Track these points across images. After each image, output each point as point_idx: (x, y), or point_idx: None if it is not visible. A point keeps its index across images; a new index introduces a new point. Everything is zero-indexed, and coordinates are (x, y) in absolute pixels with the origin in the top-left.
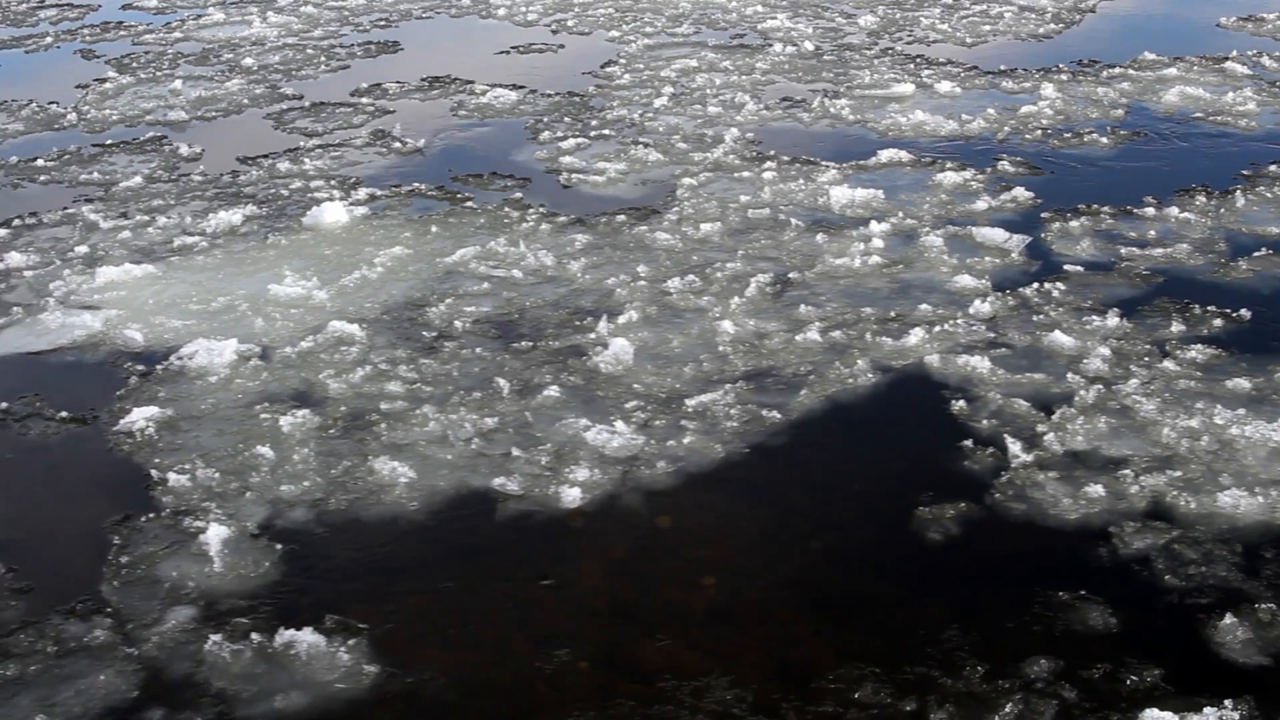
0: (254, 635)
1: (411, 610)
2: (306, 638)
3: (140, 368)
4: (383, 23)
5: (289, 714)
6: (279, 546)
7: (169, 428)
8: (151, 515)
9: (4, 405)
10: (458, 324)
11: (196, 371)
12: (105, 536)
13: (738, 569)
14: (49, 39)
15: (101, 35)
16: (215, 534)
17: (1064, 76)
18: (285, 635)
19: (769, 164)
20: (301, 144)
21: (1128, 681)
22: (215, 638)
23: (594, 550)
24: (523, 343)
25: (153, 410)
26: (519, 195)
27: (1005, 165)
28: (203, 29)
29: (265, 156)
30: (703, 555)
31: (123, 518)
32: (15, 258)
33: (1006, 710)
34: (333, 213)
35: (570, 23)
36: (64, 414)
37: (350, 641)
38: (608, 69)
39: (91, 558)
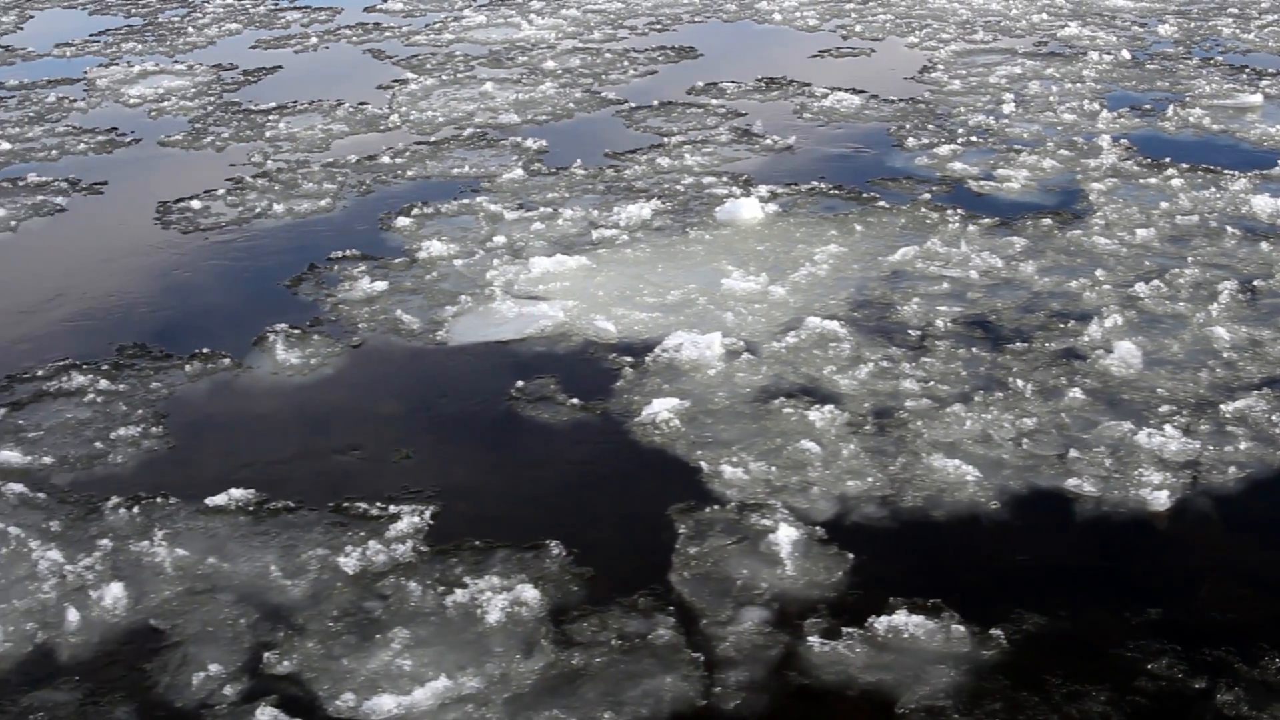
0: (833, 638)
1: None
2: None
3: (628, 359)
4: (657, 26)
5: None
6: (852, 543)
7: (691, 420)
8: (716, 508)
9: (520, 384)
10: (939, 323)
11: (690, 364)
12: (668, 528)
13: None
14: (313, 40)
15: (366, 37)
16: (785, 533)
17: None
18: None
19: (1169, 171)
20: (665, 142)
21: None
22: (787, 641)
23: (1214, 559)
24: (1016, 344)
25: (673, 402)
26: (927, 197)
27: None
28: (471, 31)
29: (631, 153)
30: None
31: (686, 508)
32: (437, 246)
33: None
34: (749, 209)
35: (857, 28)
36: (574, 400)
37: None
38: (931, 75)
39: (652, 549)
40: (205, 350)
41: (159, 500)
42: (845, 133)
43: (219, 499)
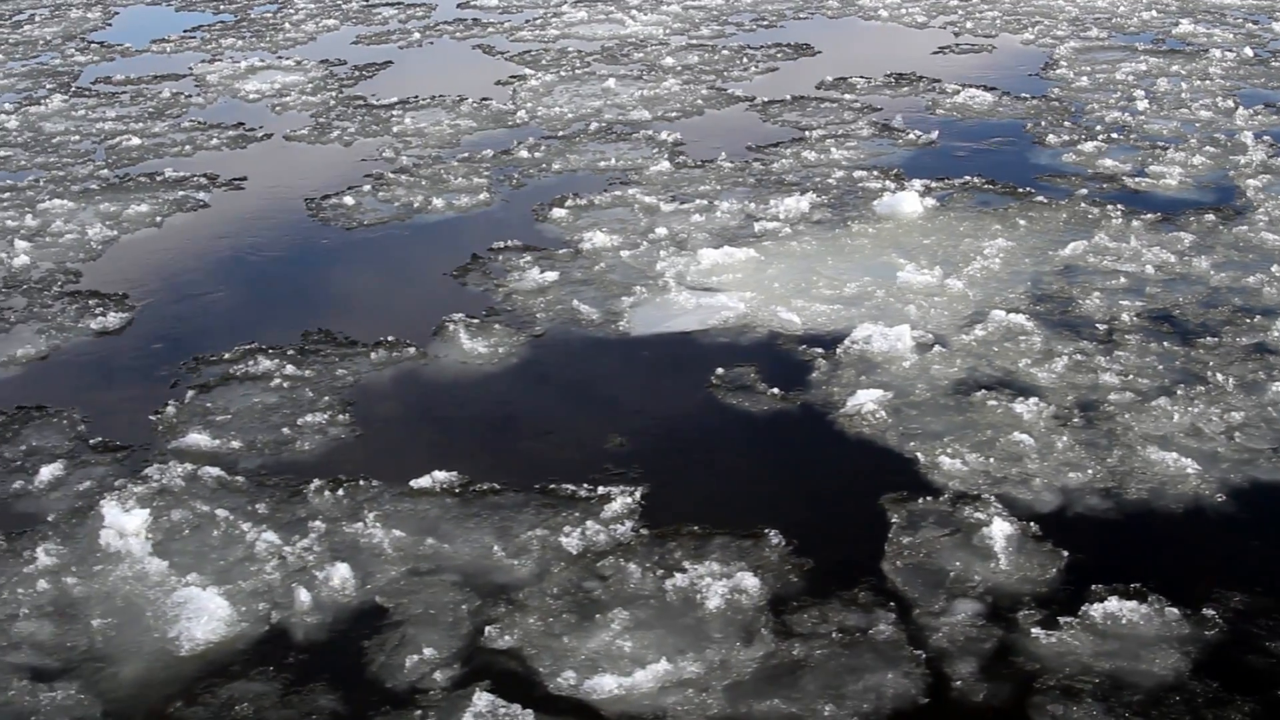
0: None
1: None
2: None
3: (818, 350)
4: (764, 23)
5: None
6: (1071, 535)
7: (896, 411)
8: (929, 499)
9: (720, 371)
10: (1124, 317)
11: (882, 356)
12: (882, 519)
13: None
14: (415, 35)
15: (468, 33)
16: (999, 528)
17: None
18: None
19: None
20: (805, 136)
21: None
22: (1004, 633)
23: None
24: (1205, 338)
25: (877, 393)
26: (1084, 192)
27: None
28: (574, 27)
29: (774, 146)
30: None
31: (899, 499)
32: (600, 238)
33: None
34: (909, 202)
35: (968, 25)
36: (774, 390)
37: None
38: (1055, 71)
39: (868, 540)
40: (389, 339)
41: (361, 483)
42: (983, 129)
43: (423, 481)
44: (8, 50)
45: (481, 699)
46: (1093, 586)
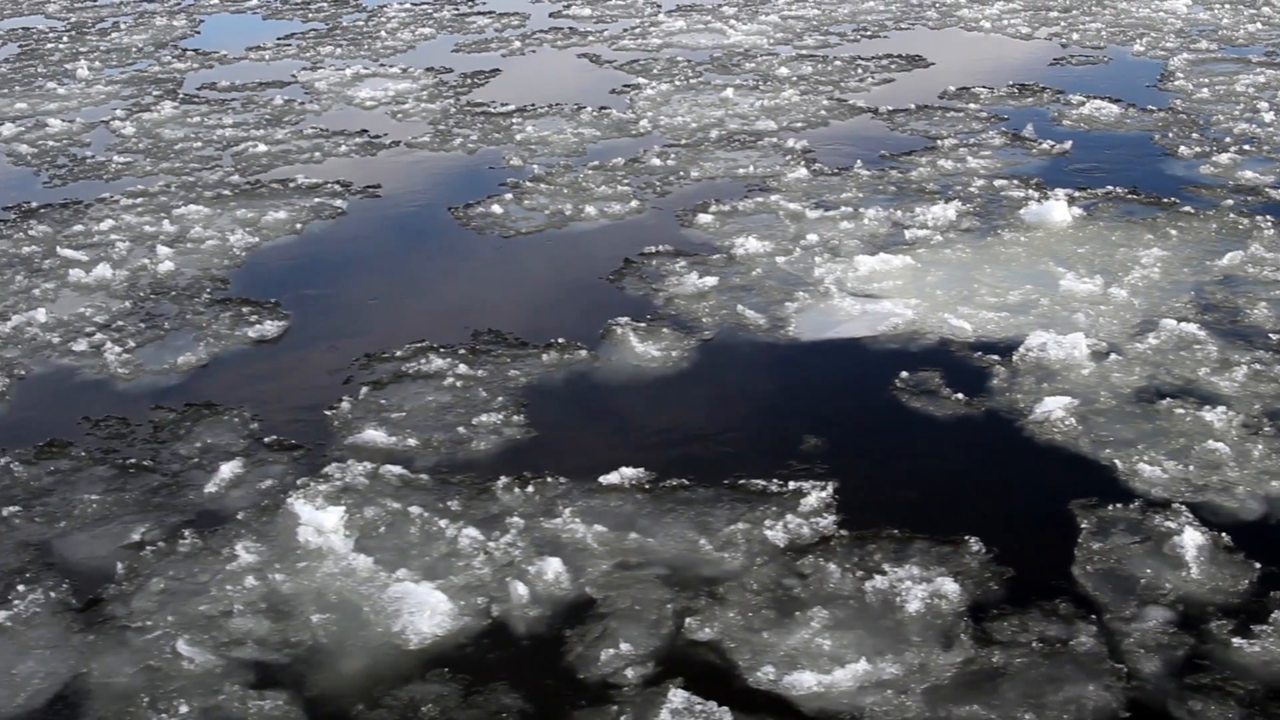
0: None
1: None
2: None
3: (994, 357)
4: (866, 33)
5: None
6: (1267, 545)
7: (1083, 419)
8: (1119, 506)
9: (904, 375)
10: None
11: (1059, 364)
12: (1082, 528)
13: None
14: (516, 44)
15: (567, 42)
16: (1190, 536)
17: None
18: None
19: None
20: (937, 144)
21: None
22: (1196, 643)
23: None
24: None
25: (1065, 400)
26: (1230, 203)
27: None
28: (675, 37)
29: (907, 155)
30: None
31: (1091, 505)
32: (752, 243)
33: None
34: (1058, 212)
35: (1074, 36)
36: (958, 395)
37: None
38: (1173, 83)
39: (1071, 550)
40: (560, 340)
41: (549, 480)
42: (1113, 140)
43: (612, 477)
44: (102, 57)
45: (677, 695)
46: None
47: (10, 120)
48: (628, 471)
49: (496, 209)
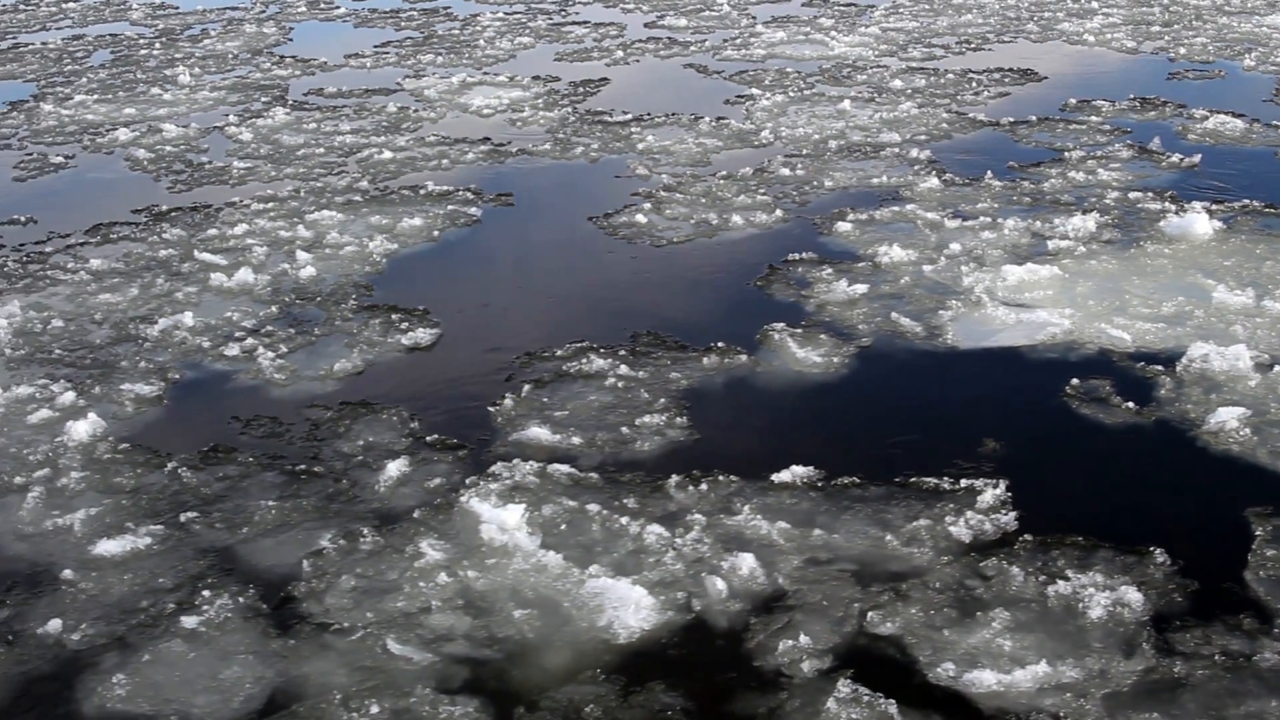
0: None
1: None
2: None
3: (1157, 368)
4: (970, 46)
5: None
6: None
7: (1256, 429)
8: None
9: (1074, 383)
10: None
11: (1224, 375)
12: (1259, 539)
13: None
14: (619, 53)
15: (669, 52)
16: None
17: None
18: None
19: None
20: (1065, 156)
21: None
22: None
23: None
24: None
25: (1238, 411)
26: None
27: None
28: (777, 48)
29: (1035, 165)
30: None
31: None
32: (897, 252)
33: None
34: (1200, 224)
35: (1181, 50)
36: (1129, 404)
37: None
38: None
39: (1259, 565)
40: (720, 344)
41: (720, 478)
42: (1240, 153)
43: (784, 475)
44: (200, 64)
45: (845, 686)
46: None
47: (123, 125)
48: (799, 470)
49: (641, 219)
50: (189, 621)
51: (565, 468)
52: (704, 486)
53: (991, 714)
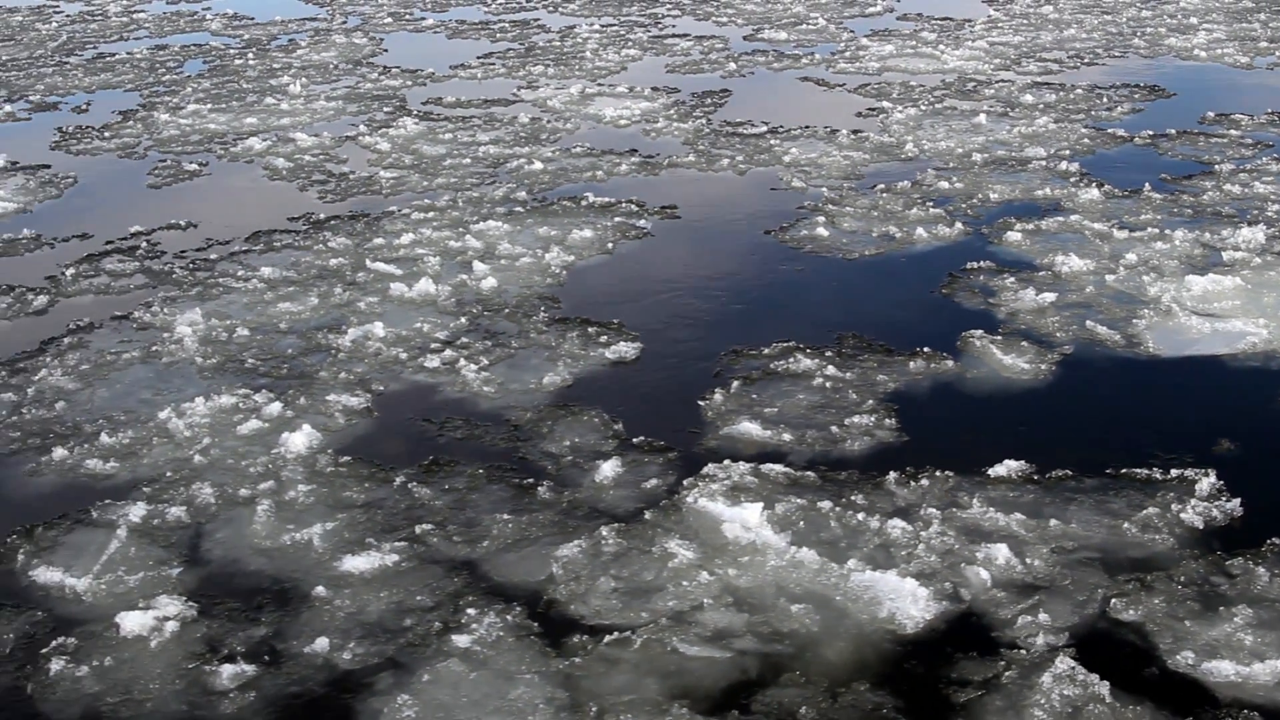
0: None
1: None
2: None
3: None
4: (1085, 61)
5: None
6: None
7: None
8: None
9: None
10: None
11: None
12: None
13: None
14: (732, 65)
15: (782, 65)
16: None
17: None
18: None
19: None
20: (1215, 169)
21: None
22: None
23: None
24: None
25: None
26: None
27: None
28: (889, 60)
29: (1187, 178)
30: None
31: None
32: (1075, 261)
33: None
34: None
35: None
36: None
37: None
38: None
39: None
40: (925, 350)
41: (938, 474)
42: None
43: (999, 469)
44: (304, 73)
45: (1064, 663)
46: None
47: (250, 135)
48: (1013, 464)
49: (822, 232)
50: (461, 641)
51: (779, 467)
52: (925, 482)
53: (1227, 703)
